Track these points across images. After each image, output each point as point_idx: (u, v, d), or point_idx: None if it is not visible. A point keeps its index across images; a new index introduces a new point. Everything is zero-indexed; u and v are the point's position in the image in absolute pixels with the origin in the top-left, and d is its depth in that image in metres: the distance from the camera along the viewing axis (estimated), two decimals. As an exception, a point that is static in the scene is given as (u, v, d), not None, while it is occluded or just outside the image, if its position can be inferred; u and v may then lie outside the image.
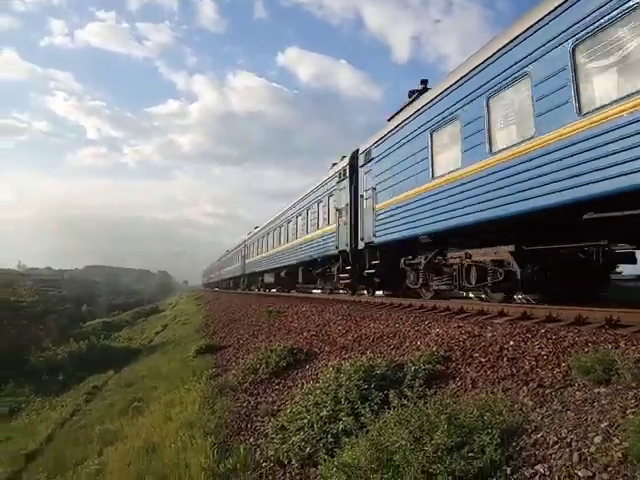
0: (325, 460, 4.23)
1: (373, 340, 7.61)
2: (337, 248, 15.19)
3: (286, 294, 23.77)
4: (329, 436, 4.71)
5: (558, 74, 6.43)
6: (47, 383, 18.65)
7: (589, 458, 2.97)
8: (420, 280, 11.12)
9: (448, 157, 9.17)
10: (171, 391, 9.76)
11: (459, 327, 6.78)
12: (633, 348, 4.31)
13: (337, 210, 15.52)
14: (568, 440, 3.23)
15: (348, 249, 14.36)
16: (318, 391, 5.57)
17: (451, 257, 9.95)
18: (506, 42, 7.54)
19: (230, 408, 7.14)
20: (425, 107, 10.11)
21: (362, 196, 13.57)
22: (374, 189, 12.54)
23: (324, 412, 5.03)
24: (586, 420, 3.36)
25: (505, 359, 5.06)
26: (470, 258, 9.28)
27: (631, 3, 5.42)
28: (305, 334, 9.67)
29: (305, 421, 5.12)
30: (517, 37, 7.30)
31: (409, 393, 4.61)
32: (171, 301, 66.80)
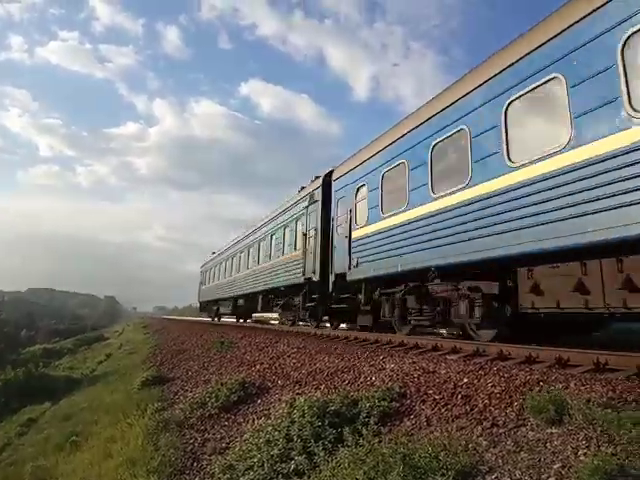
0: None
1: (328, 375, 7.47)
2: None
3: (239, 324, 23.29)
4: (280, 476, 4.52)
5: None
6: (-24, 414, 17.33)
7: (543, 501, 2.95)
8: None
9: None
10: (113, 425, 9.22)
11: (414, 363, 6.77)
12: (582, 388, 4.39)
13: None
14: (522, 482, 3.21)
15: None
16: (270, 428, 5.38)
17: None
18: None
19: (175, 445, 6.78)
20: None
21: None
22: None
23: (275, 450, 4.84)
24: (539, 461, 3.36)
25: (459, 396, 5.05)
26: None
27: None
28: (258, 367, 9.42)
29: (255, 460, 4.91)
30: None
31: (364, 431, 4.51)
32: (117, 328, 64.16)
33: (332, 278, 12.54)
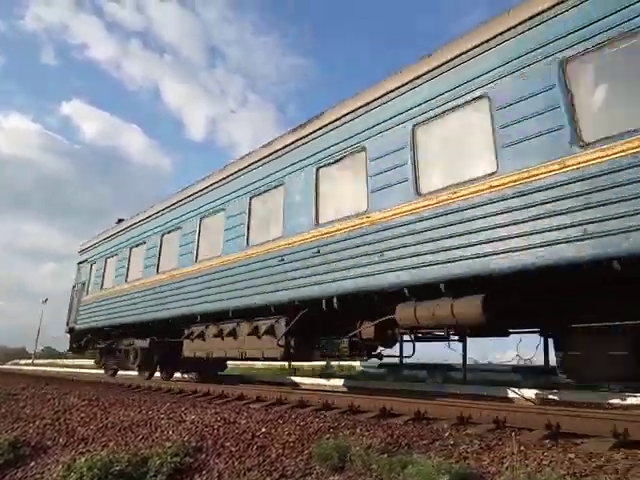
0: None
1: (120, 430, 6.79)
2: None
3: (21, 370, 20.12)
4: None
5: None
6: None
7: None
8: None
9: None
10: None
11: (216, 413, 6.56)
12: (367, 434, 4.69)
13: None
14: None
15: None
16: (38, 496, 4.62)
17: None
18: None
19: None
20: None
21: None
22: None
23: (39, 524, 4.13)
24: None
25: (255, 447, 4.99)
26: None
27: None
28: (38, 423, 8.14)
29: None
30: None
31: (147, 492, 4.14)
32: None
33: None
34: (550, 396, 8.00)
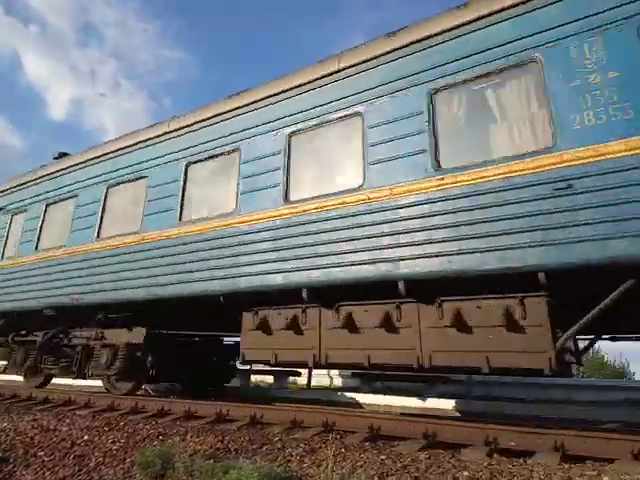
0: None
1: None
2: None
3: None
4: None
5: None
6: None
7: None
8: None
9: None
10: None
11: (34, 420, 5.95)
12: (197, 440, 4.60)
13: None
14: None
15: None
16: None
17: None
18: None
19: None
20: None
21: None
22: None
23: None
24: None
25: (72, 456, 4.61)
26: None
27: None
28: None
29: None
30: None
31: None
32: None
33: None
34: (382, 402, 8.59)
